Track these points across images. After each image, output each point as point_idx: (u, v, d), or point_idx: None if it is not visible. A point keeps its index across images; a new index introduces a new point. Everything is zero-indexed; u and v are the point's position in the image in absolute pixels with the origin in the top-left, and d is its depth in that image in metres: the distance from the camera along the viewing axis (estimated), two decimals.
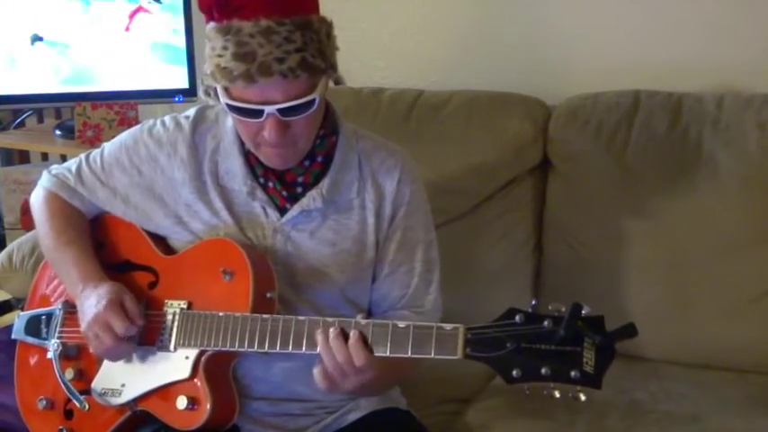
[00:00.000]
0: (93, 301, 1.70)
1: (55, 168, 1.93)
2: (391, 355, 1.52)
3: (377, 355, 1.53)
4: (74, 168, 1.90)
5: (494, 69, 2.71)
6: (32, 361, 1.90)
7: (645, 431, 1.97)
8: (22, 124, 3.28)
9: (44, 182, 1.92)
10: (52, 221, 1.87)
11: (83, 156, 1.92)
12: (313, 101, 1.61)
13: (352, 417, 1.81)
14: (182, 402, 1.65)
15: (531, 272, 2.42)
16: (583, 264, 2.34)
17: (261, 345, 1.61)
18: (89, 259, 1.81)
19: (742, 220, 2.20)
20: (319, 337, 1.55)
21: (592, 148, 2.33)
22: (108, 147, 1.89)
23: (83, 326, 1.72)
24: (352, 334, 1.53)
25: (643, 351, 2.22)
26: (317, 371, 1.57)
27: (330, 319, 1.57)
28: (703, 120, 2.27)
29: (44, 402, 1.84)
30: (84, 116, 2.86)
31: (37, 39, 2.85)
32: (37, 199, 1.92)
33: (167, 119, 1.85)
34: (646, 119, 2.31)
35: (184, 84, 2.92)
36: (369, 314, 1.83)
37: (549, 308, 1.42)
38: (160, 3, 2.88)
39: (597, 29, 2.61)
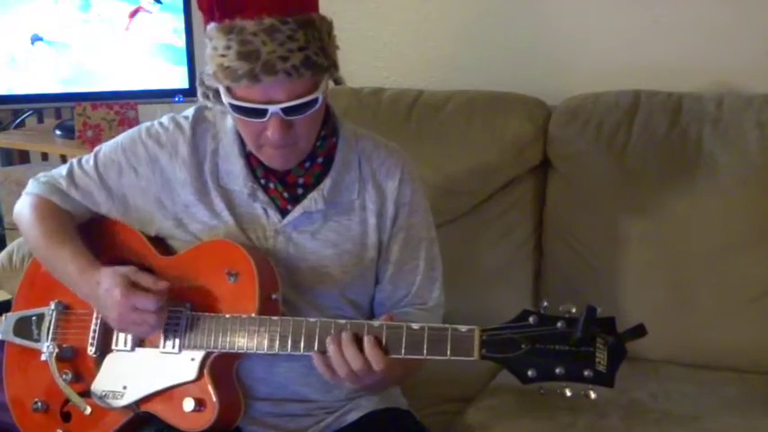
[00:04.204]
0: (108, 295, 1.66)
1: (42, 176, 1.88)
2: (407, 357, 1.53)
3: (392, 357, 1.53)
4: (65, 173, 1.85)
5: (494, 69, 2.71)
6: (23, 363, 1.86)
7: (645, 431, 1.97)
8: (22, 124, 3.29)
9: (32, 189, 1.87)
10: (43, 224, 1.81)
11: (74, 160, 1.88)
12: (316, 99, 1.61)
13: (353, 417, 1.80)
14: (188, 404, 1.65)
15: (531, 272, 2.43)
16: (583, 264, 2.34)
17: (270, 347, 1.62)
18: (84, 254, 1.76)
19: (742, 220, 2.20)
20: (331, 347, 1.55)
21: (592, 148, 2.33)
22: (103, 149, 1.86)
23: (114, 325, 1.69)
24: (367, 339, 1.53)
25: (643, 351, 2.21)
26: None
27: (342, 321, 1.58)
28: (703, 120, 2.28)
29: (39, 405, 1.81)
30: (84, 116, 2.85)
31: (37, 39, 2.85)
32: (24, 206, 1.86)
33: (165, 119, 1.84)
34: (645, 119, 2.32)
35: (184, 84, 2.93)
36: (370, 314, 1.84)
37: (560, 309, 1.45)
38: (160, 3, 2.88)
39: (597, 29, 2.61)
